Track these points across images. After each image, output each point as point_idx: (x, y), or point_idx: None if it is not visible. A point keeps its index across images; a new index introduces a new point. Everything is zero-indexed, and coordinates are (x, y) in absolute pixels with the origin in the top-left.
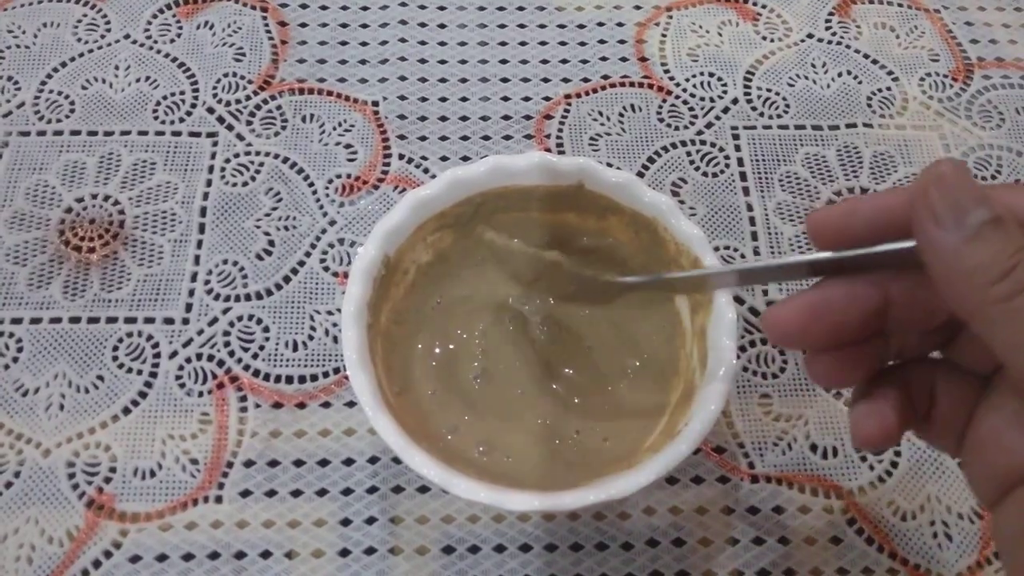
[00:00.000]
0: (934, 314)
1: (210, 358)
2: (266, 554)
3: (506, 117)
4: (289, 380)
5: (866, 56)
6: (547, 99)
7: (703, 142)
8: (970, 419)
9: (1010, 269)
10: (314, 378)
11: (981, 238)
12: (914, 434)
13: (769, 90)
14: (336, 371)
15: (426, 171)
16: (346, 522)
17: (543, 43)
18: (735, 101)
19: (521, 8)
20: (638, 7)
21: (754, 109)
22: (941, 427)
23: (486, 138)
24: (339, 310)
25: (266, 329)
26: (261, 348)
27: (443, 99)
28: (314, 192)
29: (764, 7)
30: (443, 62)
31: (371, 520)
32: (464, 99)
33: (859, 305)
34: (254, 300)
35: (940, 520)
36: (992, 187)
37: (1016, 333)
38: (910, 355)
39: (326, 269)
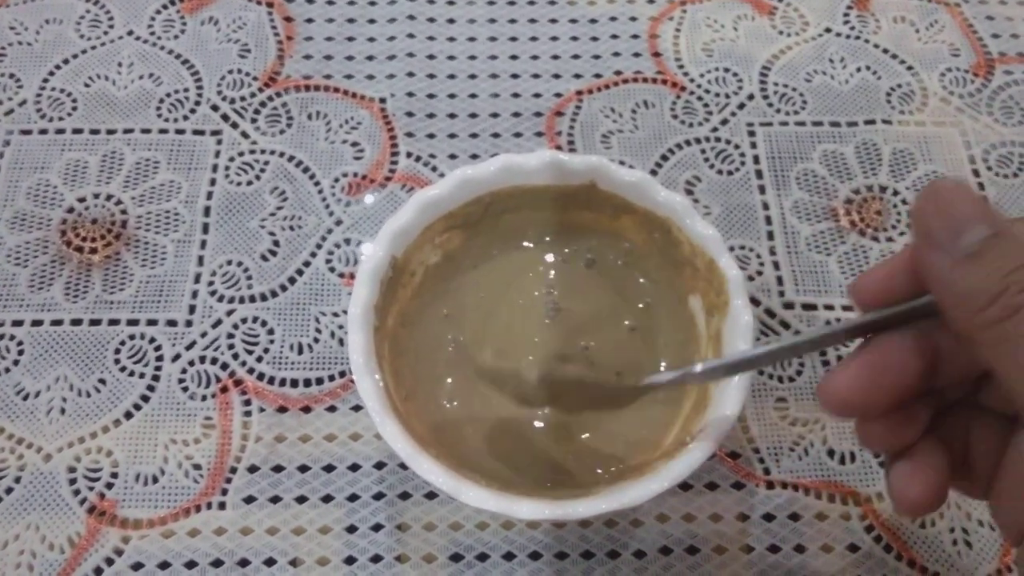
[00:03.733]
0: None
1: (214, 361)
2: (270, 561)
3: (516, 114)
4: (294, 384)
5: (885, 51)
6: (558, 95)
7: (718, 139)
8: (998, 461)
9: (1000, 292)
10: (320, 382)
11: (975, 259)
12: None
13: (786, 86)
14: (342, 374)
15: (434, 169)
16: (352, 529)
17: (554, 38)
18: (751, 97)
19: (532, 2)
20: (651, 1)
21: (770, 105)
22: (976, 474)
23: (496, 136)
24: (345, 312)
25: (271, 331)
26: (266, 351)
27: (452, 96)
28: (320, 191)
29: (780, 1)
30: (452, 58)
31: (377, 527)
32: (473, 96)
33: (916, 360)
34: (259, 302)
35: (960, 527)
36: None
37: (1007, 355)
38: (943, 404)
39: (332, 270)
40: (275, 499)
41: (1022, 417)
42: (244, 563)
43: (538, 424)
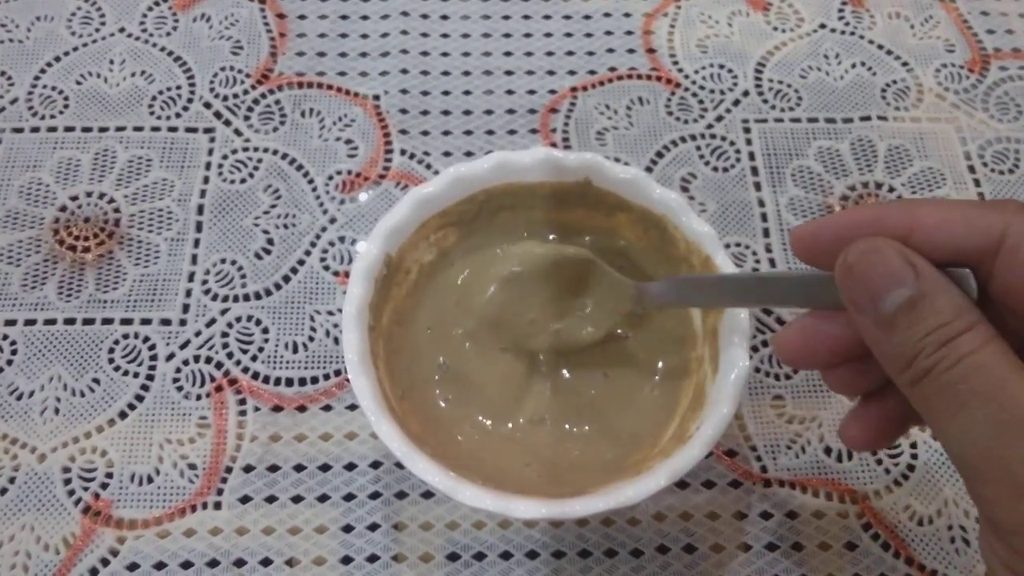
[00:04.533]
0: None
1: (208, 360)
2: (266, 562)
3: (510, 111)
4: (289, 383)
5: (880, 47)
6: (552, 92)
7: (713, 136)
8: None
9: (913, 357)
10: (315, 380)
11: (890, 326)
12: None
13: (781, 82)
14: (337, 373)
15: (428, 167)
16: (348, 529)
17: (548, 34)
18: (746, 93)
19: None
20: None
21: (765, 102)
22: None
23: (490, 132)
24: (340, 310)
25: (265, 330)
26: (260, 350)
27: (446, 93)
28: (314, 189)
29: None
30: (446, 55)
31: (374, 526)
32: (467, 92)
33: (847, 332)
34: (253, 300)
35: (957, 524)
36: (914, 203)
37: (931, 413)
38: None
39: (326, 268)
40: (271, 499)
41: (955, 464)
42: (240, 563)
43: (536, 423)
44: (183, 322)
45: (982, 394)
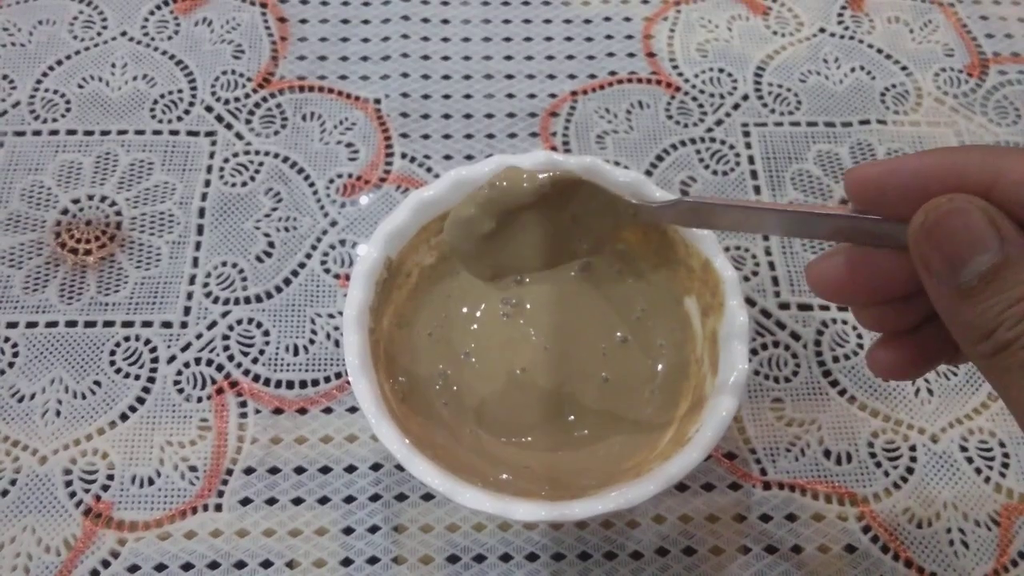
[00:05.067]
0: None
1: (209, 363)
2: (267, 564)
3: (511, 115)
4: (290, 385)
5: (879, 51)
6: (553, 96)
7: (713, 139)
8: None
9: (993, 330)
10: (315, 383)
11: (970, 296)
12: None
13: (780, 86)
14: (338, 375)
15: (429, 170)
16: (348, 531)
17: (548, 38)
18: (745, 97)
19: (526, 3)
20: (646, 1)
21: (765, 105)
22: None
23: (490, 136)
24: (341, 313)
25: (266, 333)
26: (261, 352)
27: (446, 96)
28: (315, 192)
29: (775, 1)
30: (446, 58)
31: (374, 529)
32: (468, 96)
33: (898, 270)
34: (254, 303)
35: (956, 527)
36: (997, 151)
37: (1004, 388)
38: None
39: (327, 271)
40: (271, 501)
41: None
42: (240, 565)
43: (535, 424)
44: (184, 325)
45: None
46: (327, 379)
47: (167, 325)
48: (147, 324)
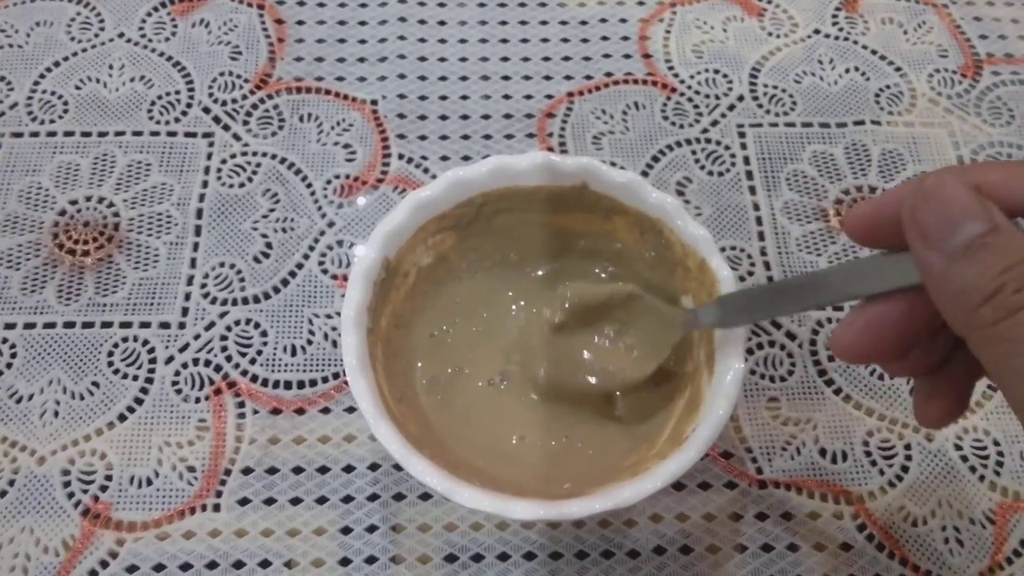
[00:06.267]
0: None
1: (207, 363)
2: (265, 563)
3: (507, 116)
4: (288, 385)
5: (874, 52)
6: (549, 97)
7: (708, 140)
8: None
9: (995, 291)
10: (313, 383)
11: (968, 257)
12: None
13: (775, 87)
14: (336, 376)
15: (426, 171)
16: (347, 530)
17: (545, 40)
18: (741, 98)
19: (523, 4)
20: (641, 3)
21: (760, 106)
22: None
23: (487, 137)
24: (338, 313)
25: (264, 333)
26: (259, 353)
27: (443, 97)
28: (312, 193)
29: (770, 2)
30: (443, 60)
31: (372, 528)
32: (464, 97)
33: (914, 314)
34: (251, 304)
35: (951, 525)
36: (977, 165)
37: (1001, 358)
38: None
39: (325, 272)
40: (269, 501)
41: (1019, 418)
42: (239, 565)
43: (533, 423)
44: (182, 325)
45: None
46: (325, 379)
47: (165, 326)
48: (145, 325)
